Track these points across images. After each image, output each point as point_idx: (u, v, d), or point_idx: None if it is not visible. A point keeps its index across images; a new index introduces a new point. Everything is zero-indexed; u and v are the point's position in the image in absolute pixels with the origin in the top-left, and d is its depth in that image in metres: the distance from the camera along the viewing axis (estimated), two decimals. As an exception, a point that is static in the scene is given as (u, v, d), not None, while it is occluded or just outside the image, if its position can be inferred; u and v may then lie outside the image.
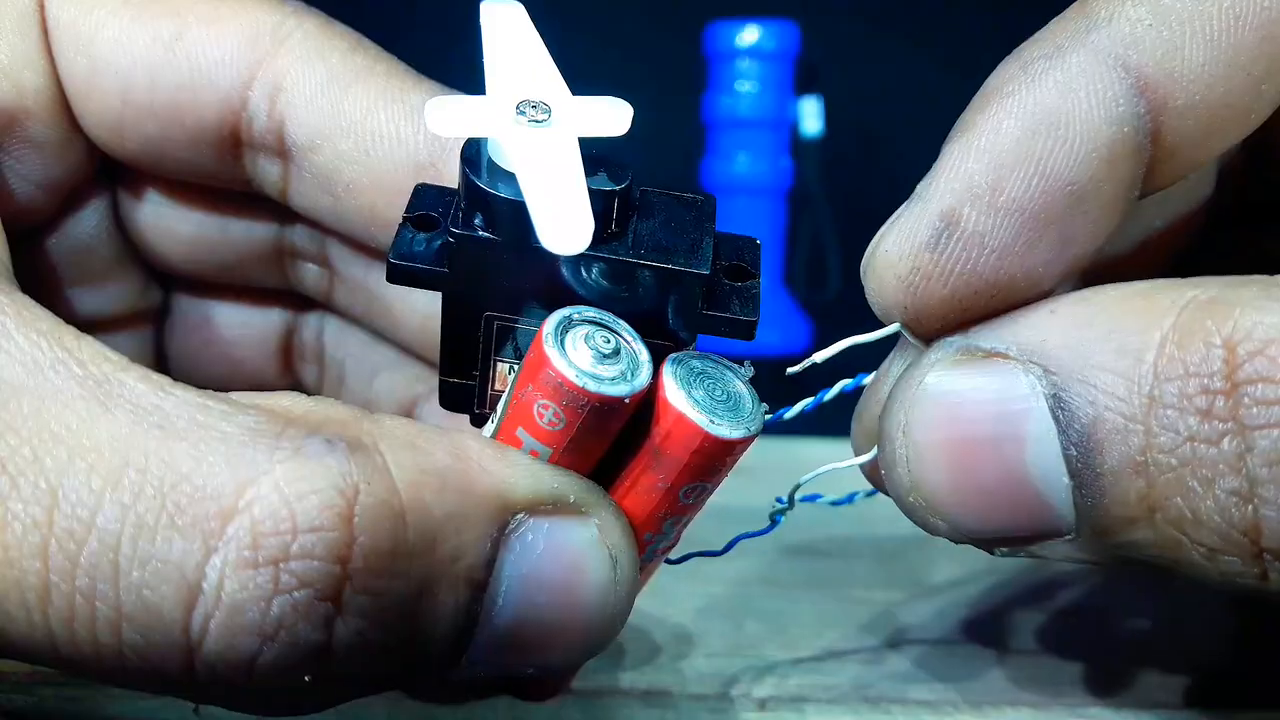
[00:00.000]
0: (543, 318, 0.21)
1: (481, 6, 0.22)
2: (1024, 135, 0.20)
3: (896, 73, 0.73)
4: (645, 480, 0.21)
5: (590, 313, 0.21)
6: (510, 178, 0.20)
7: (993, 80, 0.21)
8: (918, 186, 0.21)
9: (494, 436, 0.21)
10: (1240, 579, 0.19)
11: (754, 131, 0.68)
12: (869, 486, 0.25)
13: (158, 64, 0.26)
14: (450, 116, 0.21)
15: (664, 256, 0.21)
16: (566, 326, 0.20)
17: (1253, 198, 0.27)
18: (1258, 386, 0.18)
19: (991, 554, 0.21)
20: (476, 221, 0.21)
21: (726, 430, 0.20)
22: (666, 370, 0.21)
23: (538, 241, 0.20)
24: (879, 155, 0.69)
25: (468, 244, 0.21)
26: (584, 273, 0.21)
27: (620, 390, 0.20)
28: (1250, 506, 0.18)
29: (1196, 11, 0.20)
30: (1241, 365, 0.18)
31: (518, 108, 0.21)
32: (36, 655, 0.18)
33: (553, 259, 0.21)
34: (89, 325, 0.24)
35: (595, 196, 0.21)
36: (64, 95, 0.26)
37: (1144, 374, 0.18)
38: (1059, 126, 0.20)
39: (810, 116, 0.70)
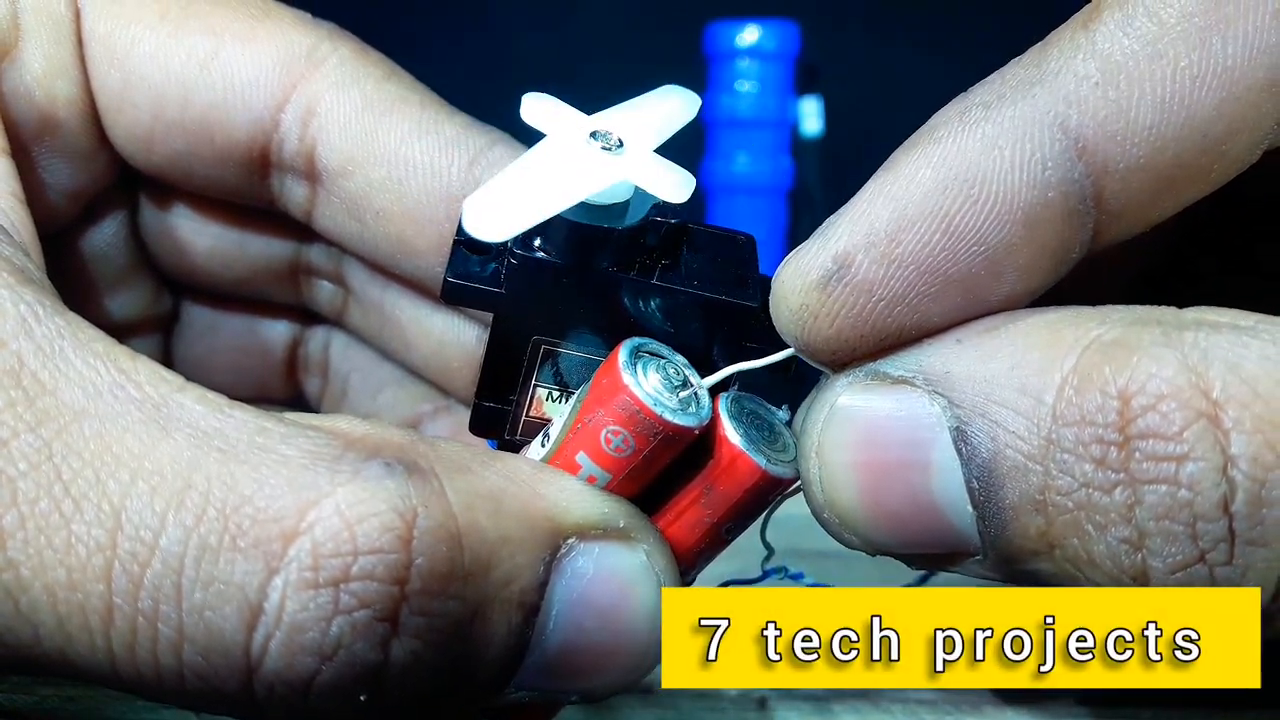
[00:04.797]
0: (591, 344, 0.22)
1: (667, 88, 0.24)
2: (936, 188, 0.19)
3: (896, 73, 0.73)
4: (691, 514, 0.22)
5: (653, 345, 0.21)
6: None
7: (932, 120, 0.20)
8: (827, 219, 0.20)
9: (548, 460, 0.21)
10: None
11: (754, 131, 0.68)
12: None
13: (192, 81, 0.26)
14: (540, 110, 0.22)
15: (717, 289, 0.22)
16: (636, 356, 0.21)
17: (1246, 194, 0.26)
18: (1148, 442, 0.18)
19: (910, 567, 0.22)
20: (535, 244, 0.21)
21: (781, 470, 0.21)
22: (722, 408, 0.21)
23: (600, 264, 0.21)
24: (879, 155, 0.68)
25: (528, 265, 0.21)
26: (639, 301, 0.22)
27: (691, 421, 0.20)
28: (1140, 555, 0.18)
29: (1148, 71, 0.19)
30: (1134, 420, 0.18)
31: (594, 133, 0.21)
32: (96, 676, 0.18)
33: (612, 284, 0.21)
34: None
35: (653, 229, 0.22)
36: (95, 107, 0.27)
37: (1043, 416, 0.18)
38: (973, 185, 0.19)
39: (810, 116, 0.71)
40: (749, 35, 0.67)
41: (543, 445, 0.22)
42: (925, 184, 0.19)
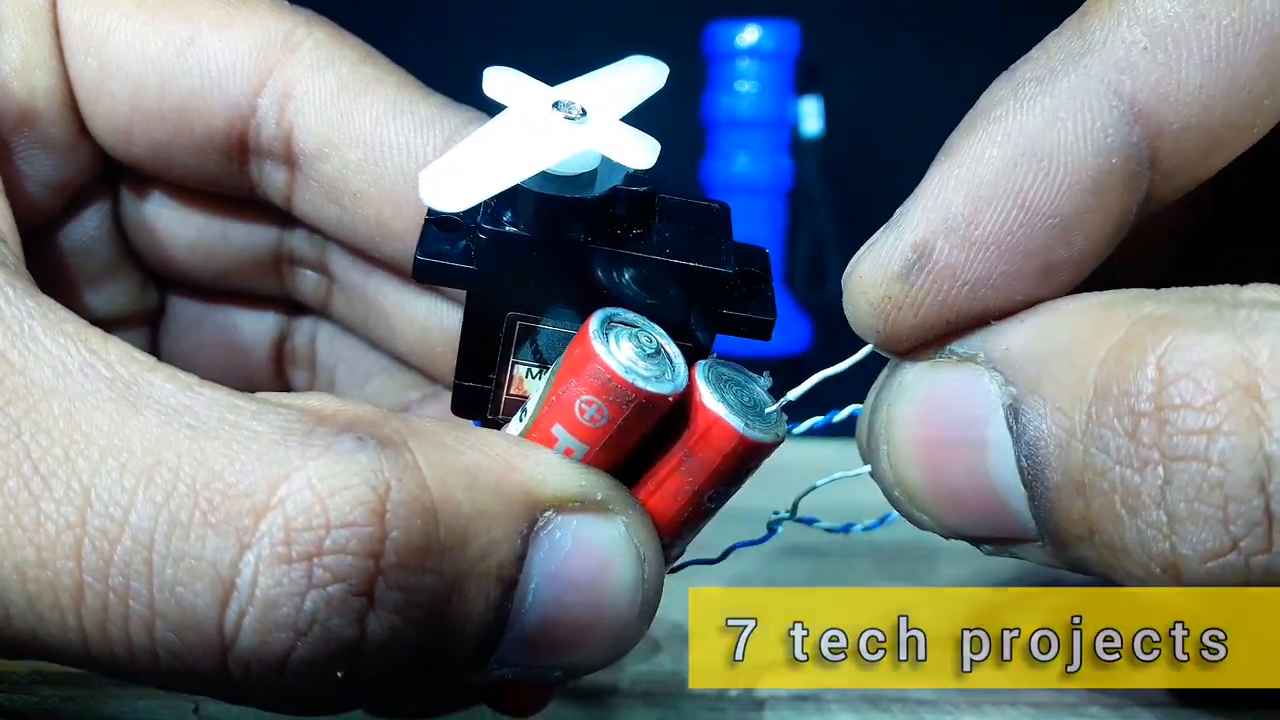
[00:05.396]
0: (566, 318, 0.22)
1: (634, 58, 0.23)
2: (1006, 165, 0.19)
3: (896, 73, 0.73)
4: (672, 483, 0.21)
5: (626, 314, 0.21)
6: (542, 173, 0.21)
7: (983, 100, 0.20)
8: (898, 210, 0.20)
9: (525, 435, 0.21)
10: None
11: (754, 131, 0.68)
12: (866, 519, 0.25)
13: (168, 69, 0.26)
14: (502, 83, 0.22)
15: (689, 256, 0.22)
16: (609, 325, 0.21)
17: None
18: (1180, 413, 0.17)
19: (980, 550, 0.21)
20: (505, 218, 0.21)
21: (759, 434, 0.21)
22: (699, 374, 0.21)
23: (570, 236, 0.20)
24: (879, 155, 0.69)
25: (498, 240, 0.21)
26: (612, 271, 0.21)
27: (665, 388, 0.20)
28: (1169, 543, 0.17)
29: (1193, 31, 0.19)
30: (1167, 387, 0.17)
31: (556, 103, 0.21)
32: (69, 656, 0.18)
33: (583, 256, 0.21)
34: None
35: (623, 198, 0.21)
36: (74, 97, 0.26)
37: (1086, 389, 0.18)
38: (1042, 158, 0.19)
39: (810, 116, 0.70)
40: (749, 35, 0.67)
41: (520, 420, 0.22)
42: (994, 163, 0.19)
